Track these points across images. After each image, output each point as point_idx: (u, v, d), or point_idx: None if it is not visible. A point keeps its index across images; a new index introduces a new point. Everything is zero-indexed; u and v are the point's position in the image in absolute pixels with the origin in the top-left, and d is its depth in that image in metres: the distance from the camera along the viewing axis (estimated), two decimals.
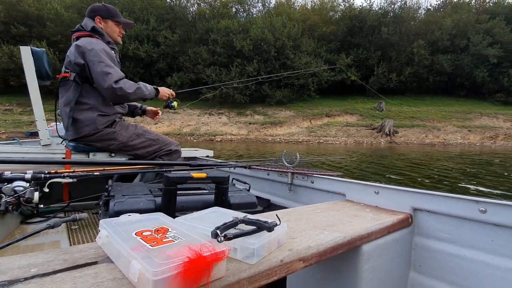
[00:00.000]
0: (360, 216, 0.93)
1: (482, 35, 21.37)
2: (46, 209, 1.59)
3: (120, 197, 0.97)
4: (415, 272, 0.98)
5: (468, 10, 24.59)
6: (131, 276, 0.42)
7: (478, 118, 19.80)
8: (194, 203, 1.05)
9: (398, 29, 22.75)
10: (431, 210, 0.93)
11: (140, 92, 1.60)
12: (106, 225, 0.54)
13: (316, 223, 0.82)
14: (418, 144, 16.51)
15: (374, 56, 22.35)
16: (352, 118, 19.33)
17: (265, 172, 1.60)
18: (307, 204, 1.14)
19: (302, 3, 29.51)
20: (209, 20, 21.42)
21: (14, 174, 0.75)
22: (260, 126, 18.32)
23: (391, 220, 0.89)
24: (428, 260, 0.94)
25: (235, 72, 19.40)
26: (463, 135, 18.02)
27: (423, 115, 19.67)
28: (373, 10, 24.59)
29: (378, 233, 0.83)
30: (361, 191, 1.12)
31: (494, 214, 0.80)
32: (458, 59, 21.69)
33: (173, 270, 0.39)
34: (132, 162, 1.28)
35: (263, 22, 20.43)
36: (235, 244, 0.53)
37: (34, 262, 0.48)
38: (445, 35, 22.10)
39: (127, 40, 20.01)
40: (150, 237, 0.49)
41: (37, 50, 1.68)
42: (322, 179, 1.30)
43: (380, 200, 1.06)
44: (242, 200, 1.13)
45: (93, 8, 1.69)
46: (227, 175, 1.03)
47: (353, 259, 0.80)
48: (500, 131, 18.45)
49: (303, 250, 0.62)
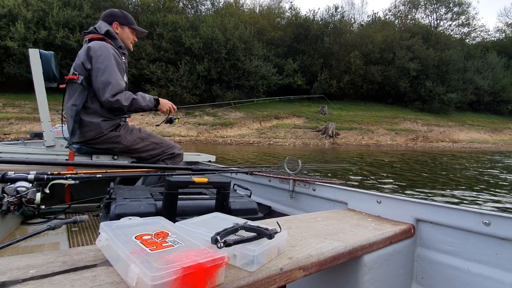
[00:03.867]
0: (362, 225, 0.91)
1: (405, 51, 24.62)
2: (47, 210, 1.58)
3: (121, 200, 0.96)
4: (417, 284, 0.96)
5: (393, 28, 28.17)
6: (129, 280, 0.41)
7: (402, 122, 22.74)
8: (194, 208, 1.04)
9: (338, 40, 24.73)
10: (434, 221, 0.92)
11: (136, 103, 1.61)
12: (106, 228, 0.54)
13: (317, 232, 0.81)
14: (356, 145, 18.16)
15: (318, 63, 23.82)
16: (299, 120, 20.25)
17: (267, 179, 1.57)
18: (309, 211, 1.11)
19: (250, 6, 29.75)
20: (154, 13, 20.04)
21: (17, 174, 0.74)
22: (210, 127, 17.83)
23: (394, 231, 0.88)
24: (430, 272, 0.93)
25: (184, 70, 18.49)
26: (392, 137, 20.47)
27: (359, 119, 21.72)
28: (316, 20, 26.26)
29: (380, 244, 0.81)
30: (364, 200, 1.11)
31: (498, 227, 0.79)
32: (386, 70, 24.56)
33: (172, 276, 0.39)
34: (135, 165, 1.28)
35: (213, 21, 19.97)
36: (234, 250, 0.52)
37: (33, 263, 0.48)
38: (376, 49, 24.85)
39: (54, 27, 17.40)
40: (150, 241, 0.49)
41: (45, 52, 1.70)
42: (324, 187, 1.29)
43: (383, 210, 1.04)
44: (243, 206, 1.12)
45: (112, 13, 1.73)
46: (228, 181, 1.03)
47: (354, 270, 0.78)
48: (419, 133, 21.52)
49: (303, 258, 0.61)
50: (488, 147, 21.20)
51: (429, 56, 24.95)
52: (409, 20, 32.27)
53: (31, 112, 15.06)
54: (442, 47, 26.91)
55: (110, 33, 1.66)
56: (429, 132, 22.05)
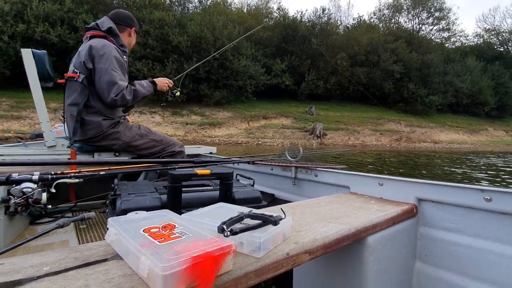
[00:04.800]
0: (365, 208, 0.93)
1: (389, 54, 25.31)
2: (54, 210, 1.58)
3: (126, 196, 0.98)
4: (420, 262, 0.98)
5: (378, 31, 28.86)
6: (141, 271, 0.42)
7: (387, 123, 23.36)
8: (199, 200, 1.05)
9: (325, 41, 25.09)
10: (436, 200, 0.93)
11: (138, 94, 1.63)
12: (114, 223, 0.54)
13: (321, 216, 0.82)
14: (343, 145, 18.47)
15: (305, 64, 24.06)
16: (287, 120, 20.36)
17: (269, 167, 1.59)
18: (312, 197, 1.12)
19: (238, 6, 29.60)
20: (140, 9, 19.55)
21: (22, 175, 0.74)
22: (198, 127, 17.61)
23: (396, 211, 0.89)
24: (433, 249, 0.95)
25: (171, 69, 18.15)
26: (377, 138, 20.98)
27: (346, 119, 22.12)
28: (304, 21, 26.50)
29: (383, 225, 0.83)
30: (365, 183, 1.12)
31: (500, 202, 0.80)
32: (371, 72, 25.16)
33: (182, 265, 0.40)
34: (137, 161, 1.28)
35: (202, 20, 19.72)
36: (241, 238, 0.53)
37: (46, 261, 0.49)
38: (362, 51, 25.40)
39: (33, 20, 16.63)
40: (157, 234, 0.49)
41: (38, 52, 1.68)
42: (326, 173, 1.30)
43: (385, 192, 1.06)
44: (246, 195, 1.13)
45: (131, 17, 1.76)
46: (231, 171, 1.04)
47: (358, 251, 0.80)
48: (403, 134, 22.17)
49: (308, 242, 0.62)
50: (466, 147, 22.12)
51: (412, 59, 25.77)
52: (393, 24, 33.23)
53: (8, 110, 14.28)
54: (424, 50, 27.87)
55: (112, 30, 1.64)
56: (411, 133, 22.76)
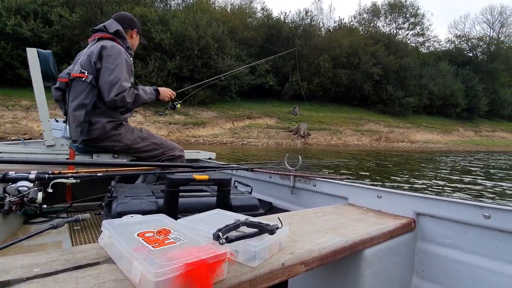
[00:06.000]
0: (363, 220, 0.91)
1: (369, 56, 26.12)
2: (49, 210, 1.56)
3: (122, 198, 0.96)
4: (418, 277, 0.96)
5: (358, 34, 29.72)
6: (133, 277, 0.42)
7: (367, 124, 24.11)
8: (196, 205, 1.04)
9: (308, 42, 25.45)
10: (435, 215, 0.93)
11: (139, 98, 1.62)
12: (108, 226, 0.54)
13: (318, 227, 0.81)
14: (326, 145, 18.85)
15: (289, 65, 24.29)
16: (272, 120, 20.48)
17: (267, 175, 1.57)
18: (309, 207, 1.11)
19: (222, 4, 29.36)
20: (120, 4, 18.86)
21: (19, 174, 0.74)
22: (182, 127, 17.27)
23: (394, 225, 0.88)
24: (431, 265, 0.93)
25: (153, 67, 17.68)
26: (358, 138, 21.60)
27: (328, 120, 22.59)
28: (287, 22, 26.75)
29: (380, 238, 0.82)
30: (364, 195, 1.11)
31: (498, 219, 0.79)
32: (352, 74, 25.83)
33: (175, 272, 0.39)
34: (135, 164, 1.26)
35: (185, 17, 19.35)
36: (236, 246, 0.53)
37: (37, 262, 0.48)
38: (343, 53, 26.02)
39: (4, 13, 15.58)
40: (152, 238, 0.49)
41: (44, 52, 1.69)
42: (324, 183, 1.29)
43: (383, 204, 1.05)
44: (244, 202, 1.12)
45: (133, 19, 1.78)
46: (229, 178, 1.04)
47: (355, 264, 0.79)
48: (382, 134, 22.97)
49: (304, 253, 0.61)
50: (440, 147, 23.33)
51: (390, 62, 26.76)
52: (372, 28, 34.34)
53: None
54: (401, 54, 29.03)
55: (120, 33, 1.66)
56: (390, 133, 23.65)
